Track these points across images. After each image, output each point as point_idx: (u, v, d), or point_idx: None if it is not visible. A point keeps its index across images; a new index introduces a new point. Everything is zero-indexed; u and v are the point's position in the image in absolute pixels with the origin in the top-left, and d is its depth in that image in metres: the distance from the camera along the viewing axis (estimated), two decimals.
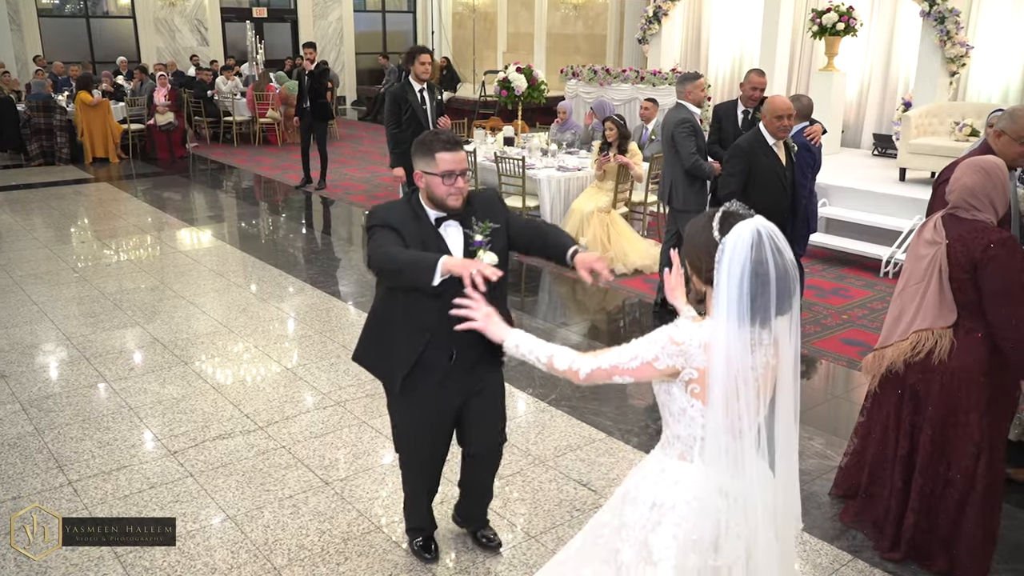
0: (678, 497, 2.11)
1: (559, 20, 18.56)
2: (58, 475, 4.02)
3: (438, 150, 2.81)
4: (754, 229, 2.00)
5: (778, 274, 1.98)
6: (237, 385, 5.08)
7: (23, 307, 6.37)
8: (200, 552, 3.45)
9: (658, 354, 2.08)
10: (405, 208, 2.95)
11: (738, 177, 5.11)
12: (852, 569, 3.42)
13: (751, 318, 2.00)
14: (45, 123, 12.68)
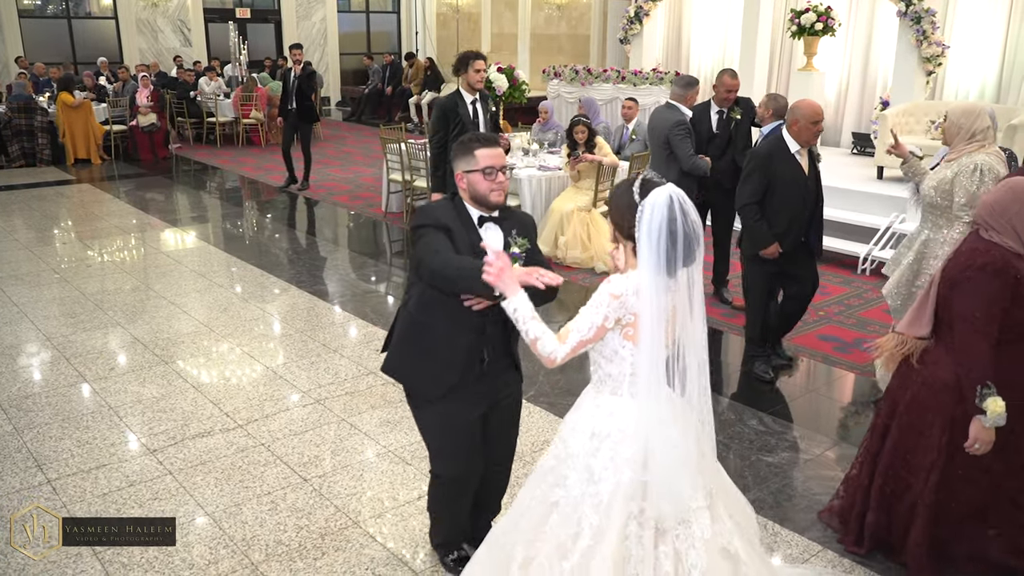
0: (612, 426, 2.48)
1: (543, 20, 18.63)
2: (37, 474, 4.04)
3: (477, 148, 2.88)
4: (668, 194, 2.37)
5: (686, 231, 2.36)
6: (217, 384, 5.10)
7: (3, 308, 6.37)
8: (178, 548, 3.48)
9: (606, 313, 2.43)
10: (452, 209, 2.95)
11: (755, 184, 4.94)
12: (821, 559, 3.48)
13: (667, 267, 2.36)
14: (26, 124, 12.63)
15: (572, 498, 2.47)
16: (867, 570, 3.40)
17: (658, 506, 2.40)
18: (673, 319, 2.46)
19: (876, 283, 5.49)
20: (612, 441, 2.47)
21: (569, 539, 2.44)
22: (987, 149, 4.29)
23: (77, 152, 12.84)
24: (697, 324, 2.47)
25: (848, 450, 4.42)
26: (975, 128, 4.28)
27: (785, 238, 4.97)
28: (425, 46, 21.22)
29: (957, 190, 4.25)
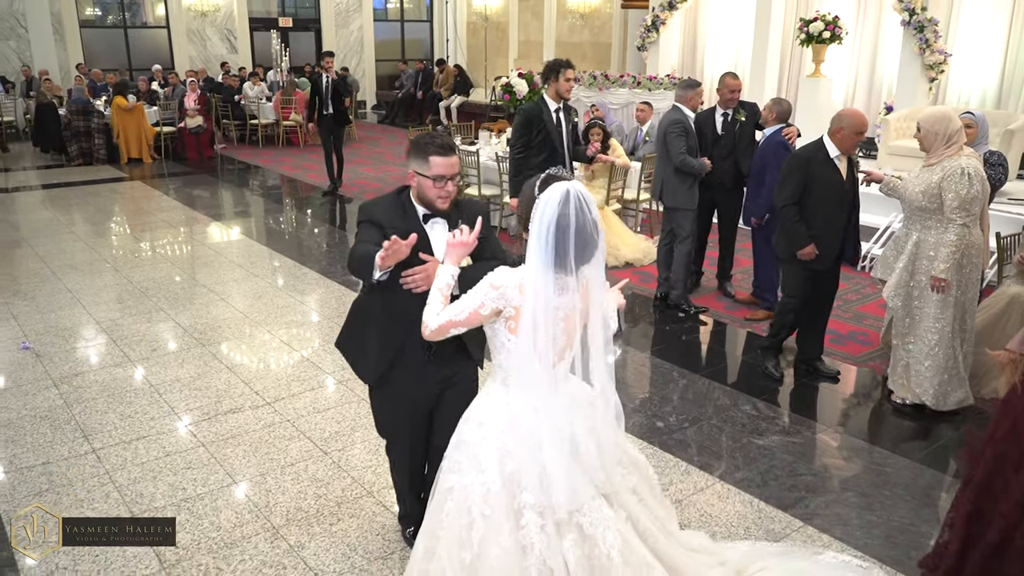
0: (498, 416, 2.44)
1: (567, 29, 18.63)
2: (83, 443, 4.20)
3: (432, 153, 2.77)
4: (564, 190, 2.27)
5: (578, 228, 2.25)
6: (249, 365, 5.25)
7: (59, 294, 6.57)
8: (207, 512, 3.61)
9: (483, 300, 2.37)
10: (395, 202, 2.90)
11: (793, 186, 4.76)
12: (801, 534, 3.53)
13: (555, 263, 2.28)
14: (84, 126, 12.94)
15: (464, 486, 2.41)
16: (843, 544, 3.44)
17: (550, 496, 2.33)
18: (574, 316, 2.40)
19: (874, 279, 5.49)
20: (497, 431, 2.41)
21: (464, 529, 2.37)
22: (964, 151, 4.30)
23: (130, 152, 13.11)
24: (596, 322, 2.40)
25: (836, 434, 4.46)
26: (950, 131, 4.29)
27: (822, 242, 4.80)
28: (456, 53, 21.33)
29: (947, 194, 4.25)
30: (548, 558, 2.34)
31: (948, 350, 4.46)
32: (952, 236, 4.27)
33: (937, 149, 4.34)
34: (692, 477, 3.97)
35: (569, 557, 2.36)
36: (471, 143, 9.83)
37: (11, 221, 9.22)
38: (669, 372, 5.30)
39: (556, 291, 2.34)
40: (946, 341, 4.45)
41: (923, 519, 3.64)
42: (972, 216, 4.27)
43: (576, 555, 2.36)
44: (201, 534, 3.45)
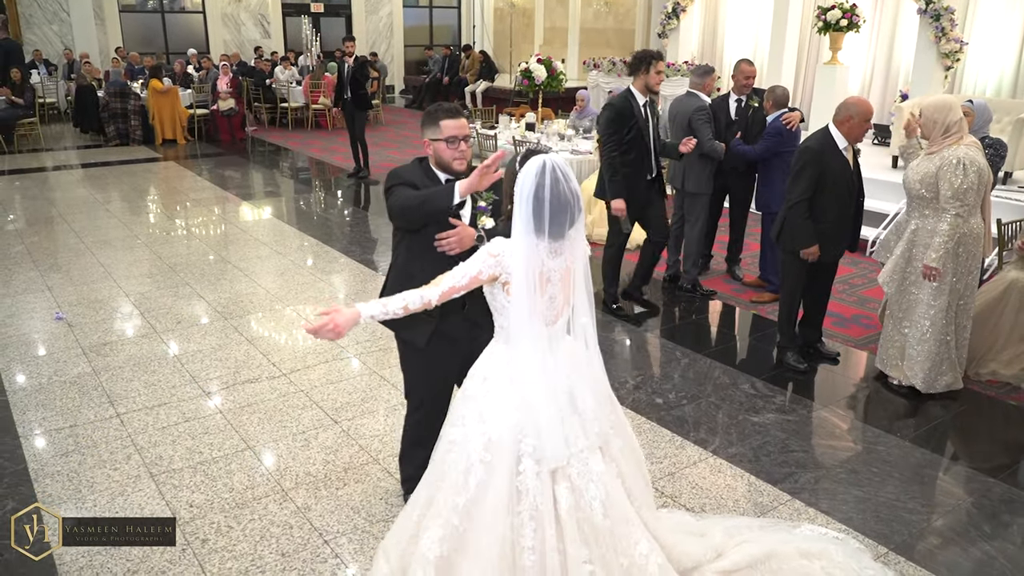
0: (500, 372, 2.54)
1: (591, 15, 18.52)
2: (108, 408, 4.34)
3: (442, 118, 2.94)
4: (542, 162, 2.40)
5: (552, 196, 2.38)
6: (268, 338, 5.36)
7: (91, 268, 6.74)
8: (221, 475, 3.73)
9: (480, 267, 2.48)
10: (419, 171, 3.03)
11: (807, 181, 4.63)
12: (788, 508, 3.56)
13: (536, 229, 2.40)
14: (121, 107, 13.14)
15: (467, 438, 2.51)
16: (828, 518, 3.47)
17: (544, 447, 2.44)
18: (567, 279, 2.52)
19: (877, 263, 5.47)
20: (500, 385, 2.52)
21: (462, 475, 2.47)
22: (964, 141, 4.26)
23: (164, 133, 13.30)
24: (579, 283, 2.53)
25: (831, 413, 4.48)
26: (949, 121, 4.26)
27: (833, 235, 4.76)
28: (483, 39, 21.29)
29: (942, 184, 4.23)
30: (540, 503, 2.43)
31: (940, 336, 4.45)
32: (945, 225, 4.24)
33: (936, 138, 4.31)
34: (686, 451, 4.02)
35: (561, 503, 2.46)
36: (491, 127, 9.86)
37: (49, 198, 9.43)
38: (672, 351, 5.33)
39: (549, 255, 2.46)
40: (939, 328, 4.44)
41: (909, 495, 3.66)
42: (966, 206, 4.24)
43: (568, 502, 2.46)
44: (214, 495, 3.57)
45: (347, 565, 3.12)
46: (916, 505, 3.59)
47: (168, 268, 6.77)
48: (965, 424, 4.43)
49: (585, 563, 2.46)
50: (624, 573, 2.53)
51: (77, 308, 5.81)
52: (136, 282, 6.41)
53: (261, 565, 3.11)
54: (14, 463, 3.79)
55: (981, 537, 3.38)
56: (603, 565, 2.49)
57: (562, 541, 2.46)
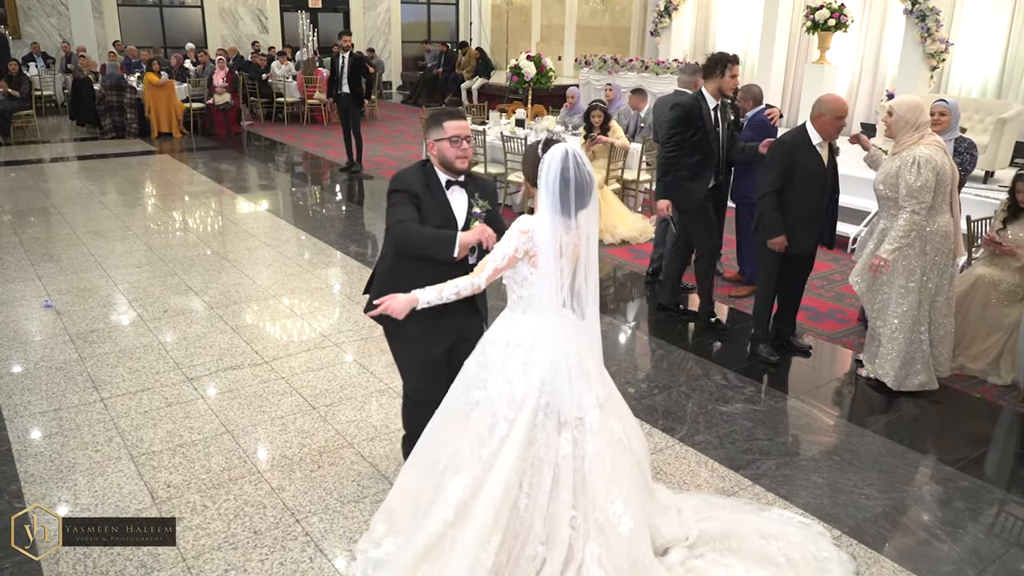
0: (524, 337, 2.78)
1: (588, 13, 18.63)
2: (93, 393, 4.45)
3: (445, 119, 3.12)
4: (565, 149, 2.66)
5: (577, 179, 2.64)
6: (252, 327, 5.47)
7: (82, 258, 6.85)
8: (199, 456, 3.84)
9: (516, 246, 2.72)
10: (423, 174, 3.18)
11: (776, 173, 4.76)
12: (749, 492, 3.67)
13: (561, 208, 2.66)
14: (117, 101, 13.24)
15: (491, 397, 2.77)
16: (786, 502, 3.59)
17: (559, 403, 2.72)
18: (575, 254, 2.75)
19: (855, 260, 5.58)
20: (524, 350, 2.76)
21: (486, 430, 2.74)
22: (925, 141, 4.36)
23: (160, 126, 13.40)
24: (592, 259, 2.77)
25: (799, 404, 4.58)
26: (919, 122, 4.36)
27: (803, 228, 4.85)
28: (480, 36, 21.38)
29: (900, 182, 4.34)
30: (543, 453, 2.72)
31: (909, 334, 4.55)
32: (901, 222, 4.35)
33: (901, 137, 4.42)
34: (653, 438, 4.12)
35: (561, 453, 2.73)
36: (481, 123, 9.96)
37: (44, 189, 9.53)
38: (648, 344, 5.44)
39: (565, 230, 2.71)
40: (907, 326, 4.54)
41: (867, 483, 3.77)
42: (923, 204, 4.33)
43: (565, 452, 2.73)
44: (192, 476, 3.68)
45: (316, 543, 3.23)
46: (872, 491, 3.70)
47: (158, 259, 6.88)
48: (930, 416, 4.53)
49: (572, 508, 2.75)
50: (598, 528, 2.74)
51: (66, 297, 5.92)
52: (126, 272, 6.52)
53: (233, 542, 3.22)
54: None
55: (933, 522, 3.49)
56: (584, 515, 2.75)
57: (556, 489, 2.74)
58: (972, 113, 8.68)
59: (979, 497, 3.68)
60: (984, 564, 3.22)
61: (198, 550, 3.17)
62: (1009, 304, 4.91)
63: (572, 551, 2.74)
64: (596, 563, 2.70)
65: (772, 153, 4.91)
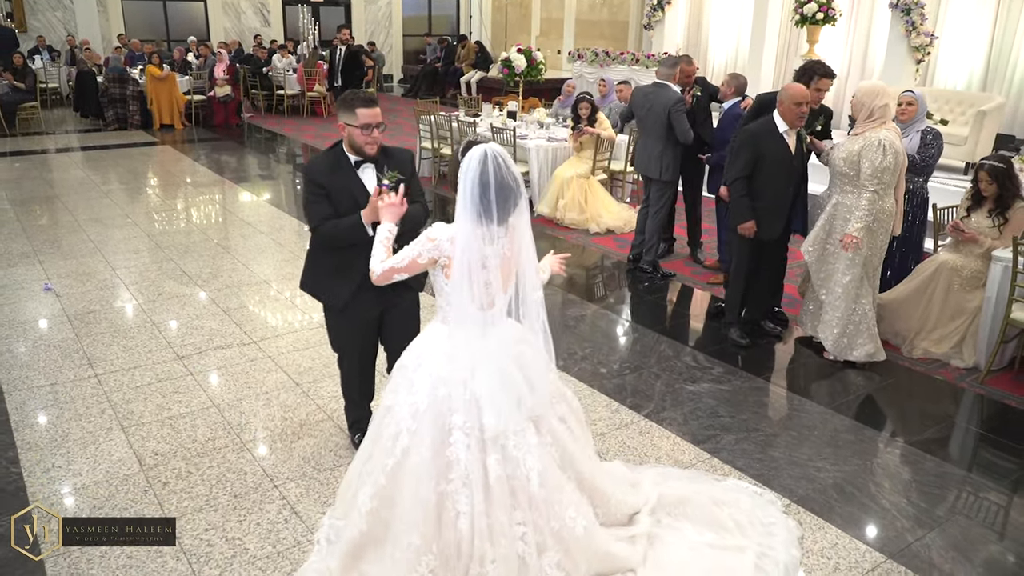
0: (435, 348, 2.73)
1: (587, 7, 18.73)
2: (88, 369, 4.66)
3: (358, 106, 3.18)
4: (483, 150, 2.52)
5: (497, 183, 2.50)
6: (242, 309, 5.67)
7: (81, 243, 7.06)
8: (186, 428, 4.04)
9: (420, 251, 2.66)
10: (330, 157, 3.35)
11: (743, 162, 4.90)
12: (707, 465, 3.86)
13: (483, 215, 2.52)
14: (120, 93, 13.44)
15: (398, 404, 2.71)
16: (741, 473, 3.77)
17: (480, 419, 2.61)
18: (507, 266, 2.64)
19: None
20: (432, 360, 2.69)
21: (391, 439, 2.69)
22: (887, 126, 4.54)
23: (162, 118, 13.60)
24: (527, 267, 2.65)
25: (764, 384, 4.76)
26: (875, 106, 4.54)
27: (770, 214, 4.98)
28: (480, 30, 21.52)
29: (863, 163, 4.52)
30: (471, 472, 2.61)
31: (851, 304, 4.78)
32: (864, 201, 4.54)
33: (861, 120, 4.60)
34: (620, 415, 4.31)
35: (491, 472, 2.62)
36: (475, 115, 10.13)
37: (47, 179, 9.74)
38: (624, 327, 5.63)
39: (486, 241, 2.56)
40: (851, 296, 4.77)
41: (822, 456, 3.95)
42: (883, 184, 4.53)
43: (497, 472, 2.62)
44: (178, 445, 3.88)
45: (292, 506, 3.43)
46: (825, 464, 3.88)
47: (156, 246, 7.08)
48: (890, 395, 4.71)
49: (519, 525, 2.65)
50: (555, 535, 2.73)
51: (65, 279, 6.13)
52: (124, 257, 6.73)
53: (215, 504, 3.42)
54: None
55: (879, 493, 3.67)
56: (535, 528, 2.69)
57: (491, 506, 2.62)
58: (955, 105, 8.82)
59: (928, 470, 3.86)
60: (924, 531, 3.40)
61: (180, 510, 3.37)
62: (971, 290, 5.07)
63: (527, 568, 2.66)
64: (556, 567, 2.72)
65: (738, 141, 5.04)
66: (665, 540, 3.16)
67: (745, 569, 3.05)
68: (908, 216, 5.43)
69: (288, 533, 3.25)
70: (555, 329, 5.40)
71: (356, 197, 3.27)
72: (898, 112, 5.37)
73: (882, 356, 4.91)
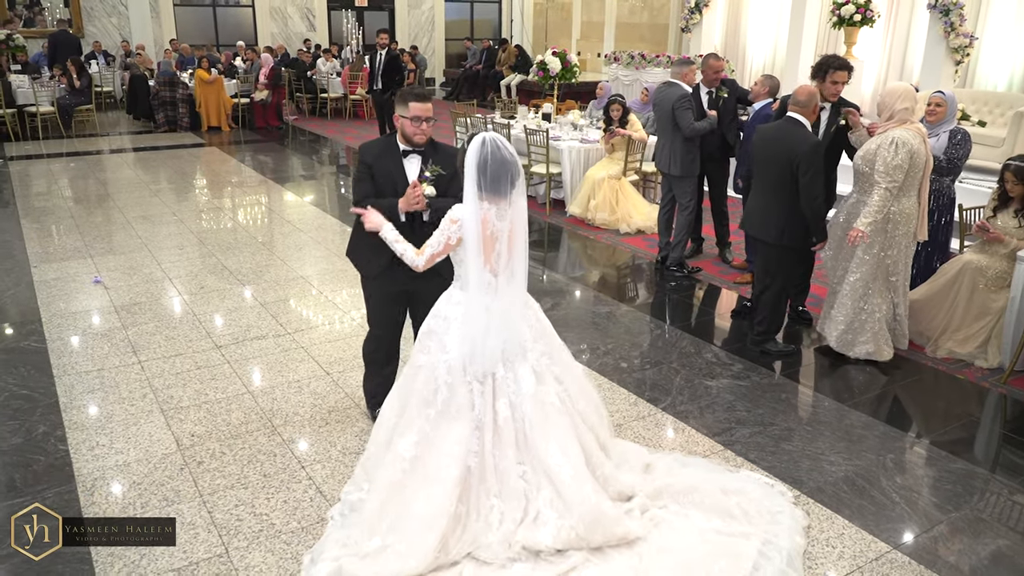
0: (459, 311, 3.08)
1: (627, 10, 18.77)
2: (132, 357, 4.92)
3: (410, 100, 3.54)
4: (483, 136, 2.90)
5: (498, 161, 2.87)
6: (279, 303, 5.89)
7: (130, 239, 7.39)
8: (221, 412, 4.26)
9: (448, 234, 3.00)
10: (383, 143, 3.71)
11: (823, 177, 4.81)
12: (720, 456, 3.93)
13: (488, 190, 2.89)
14: (170, 96, 13.91)
15: (431, 363, 3.08)
16: (754, 465, 3.84)
17: (491, 369, 3.03)
18: (512, 239, 2.99)
19: None
20: (458, 322, 3.06)
21: (431, 393, 3.06)
22: (906, 126, 4.57)
23: (210, 120, 14.03)
24: (519, 237, 2.99)
25: (784, 380, 4.81)
26: (895, 107, 4.58)
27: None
28: (521, 33, 21.70)
29: (877, 160, 4.57)
30: (483, 415, 3.04)
31: (859, 302, 4.82)
32: (875, 197, 4.58)
33: (882, 121, 4.64)
34: (637, 407, 4.41)
35: (500, 415, 3.04)
36: (511, 117, 10.28)
37: (100, 178, 10.16)
38: (648, 324, 5.72)
39: (497, 217, 2.93)
40: (858, 294, 4.81)
41: (835, 451, 4.00)
42: (895, 182, 4.55)
43: (505, 414, 3.04)
44: (214, 427, 4.10)
45: (318, 486, 3.61)
46: (838, 459, 3.93)
47: (198, 241, 7.38)
48: (909, 393, 4.73)
49: (519, 464, 3.06)
50: (546, 476, 3.06)
51: (114, 274, 6.43)
52: (168, 252, 7.03)
53: (245, 483, 3.62)
54: (47, 397, 4.38)
55: (891, 487, 3.71)
56: (532, 468, 3.07)
57: (499, 446, 3.04)
58: (993, 107, 8.71)
59: (942, 467, 3.89)
60: (931, 524, 3.44)
61: (213, 488, 3.57)
62: (996, 290, 5.06)
63: (528, 502, 3.04)
64: (549, 505, 3.03)
65: (815, 161, 4.69)
66: (673, 524, 3.27)
67: (749, 554, 3.13)
68: (934, 216, 5.43)
69: (312, 511, 3.43)
70: (581, 325, 5.59)
71: (396, 183, 3.59)
72: (927, 112, 5.38)
73: (885, 356, 4.93)
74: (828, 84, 5.18)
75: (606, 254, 7.53)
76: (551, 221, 8.40)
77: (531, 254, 6.63)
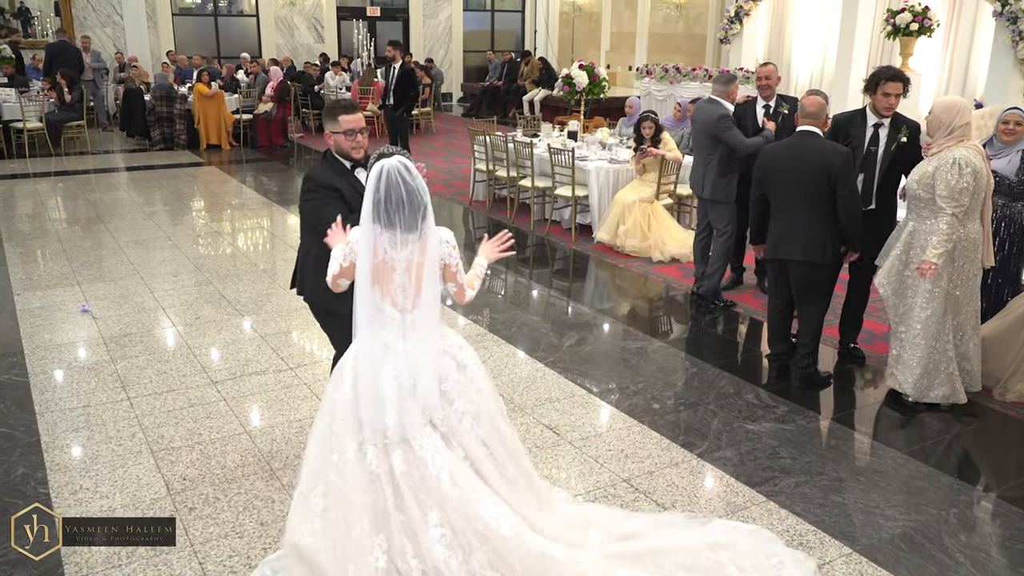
0: (355, 346, 3.07)
1: (661, 20, 18.96)
2: (120, 392, 4.98)
3: (340, 113, 3.67)
4: (383, 163, 2.88)
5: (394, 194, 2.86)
6: (280, 335, 5.96)
7: (121, 265, 7.52)
8: (216, 454, 4.30)
9: (343, 256, 3.05)
10: (330, 168, 3.76)
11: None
12: (762, 508, 3.90)
13: (383, 221, 2.89)
14: (167, 111, 14.20)
15: (333, 399, 3.08)
16: (799, 519, 3.81)
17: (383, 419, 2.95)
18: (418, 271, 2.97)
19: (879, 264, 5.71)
20: (354, 359, 3.05)
21: (332, 435, 3.03)
22: (965, 144, 4.57)
23: (209, 138, 14.28)
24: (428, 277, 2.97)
25: (832, 425, 4.78)
26: (954, 124, 4.57)
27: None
28: (545, 45, 21.96)
29: (938, 183, 4.55)
30: (376, 466, 2.95)
31: (933, 342, 4.73)
32: (943, 224, 4.55)
33: (938, 139, 4.64)
34: (671, 453, 4.40)
35: (396, 469, 2.94)
36: (534, 135, 10.38)
37: (91, 200, 10.36)
38: (682, 360, 5.71)
39: (391, 245, 2.92)
40: (931, 333, 4.72)
41: (891, 504, 3.95)
42: (961, 207, 4.54)
43: (402, 468, 2.94)
44: (207, 471, 4.13)
45: None
46: (895, 513, 3.89)
47: (193, 268, 7.49)
48: (975, 441, 4.68)
49: (436, 527, 2.94)
50: (479, 537, 2.96)
51: (103, 302, 6.54)
52: (161, 279, 7.14)
53: (240, 532, 3.64)
54: (28, 435, 4.45)
55: (954, 546, 3.65)
56: (452, 529, 2.95)
57: (402, 502, 2.94)
58: None
59: (1013, 524, 3.83)
60: None
61: (206, 536, 3.59)
62: None
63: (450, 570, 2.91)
64: (490, 568, 2.94)
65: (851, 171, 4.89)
66: None
67: None
68: (1005, 245, 5.40)
69: None
70: (609, 362, 5.60)
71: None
72: (1003, 131, 5.33)
73: (962, 399, 4.87)
74: (880, 97, 5.18)
75: (637, 284, 7.54)
76: (577, 248, 8.44)
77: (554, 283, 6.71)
